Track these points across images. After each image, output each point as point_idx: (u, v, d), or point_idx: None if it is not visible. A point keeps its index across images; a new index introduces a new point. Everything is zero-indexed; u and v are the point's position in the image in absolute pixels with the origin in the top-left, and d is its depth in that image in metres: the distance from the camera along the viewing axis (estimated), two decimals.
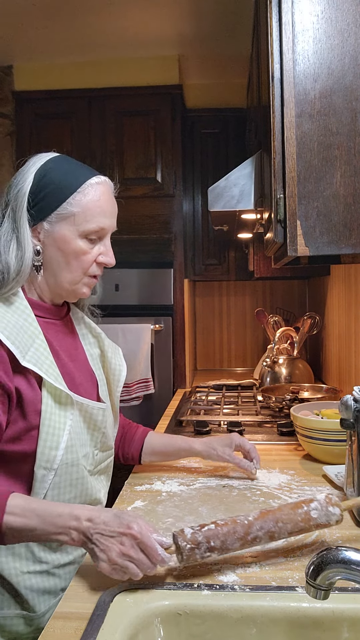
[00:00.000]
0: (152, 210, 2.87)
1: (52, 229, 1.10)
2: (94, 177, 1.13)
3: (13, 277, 1.07)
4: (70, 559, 1.13)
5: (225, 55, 2.82)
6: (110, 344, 1.34)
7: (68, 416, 1.08)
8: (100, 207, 1.12)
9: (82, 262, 1.13)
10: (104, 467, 1.25)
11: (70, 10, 2.38)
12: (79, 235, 1.11)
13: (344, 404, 1.16)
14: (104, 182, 1.15)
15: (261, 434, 1.90)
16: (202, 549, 0.93)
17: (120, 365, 1.32)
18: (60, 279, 1.13)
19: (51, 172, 1.10)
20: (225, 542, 0.94)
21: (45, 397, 1.05)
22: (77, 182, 1.11)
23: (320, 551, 0.68)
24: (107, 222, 1.13)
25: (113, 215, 1.16)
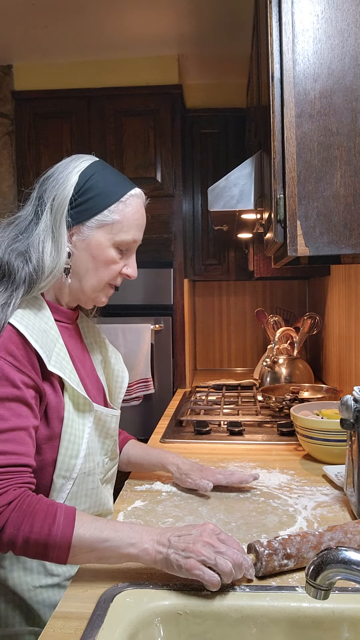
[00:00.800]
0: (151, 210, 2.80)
1: (88, 233, 1.09)
2: (133, 188, 1.14)
3: (46, 276, 1.04)
4: None
5: (225, 55, 2.82)
6: (112, 349, 1.33)
7: (87, 424, 1.08)
8: (137, 219, 1.13)
9: (110, 270, 1.12)
10: (110, 476, 1.24)
11: (70, 10, 2.38)
12: (112, 244, 1.11)
13: (344, 404, 1.16)
14: (141, 195, 1.17)
15: (261, 434, 1.90)
16: (279, 556, 0.93)
17: (122, 371, 1.30)
18: (84, 284, 1.12)
19: (96, 177, 1.09)
20: (301, 549, 0.95)
21: (67, 403, 1.04)
22: (121, 191, 1.11)
23: (320, 551, 0.68)
24: (139, 235, 1.15)
25: (143, 228, 1.17)
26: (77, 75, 2.87)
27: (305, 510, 1.22)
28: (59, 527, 0.88)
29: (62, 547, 0.88)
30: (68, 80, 2.87)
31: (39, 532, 0.87)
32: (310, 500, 1.28)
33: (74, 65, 2.88)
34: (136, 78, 2.85)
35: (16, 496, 0.90)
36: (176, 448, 1.77)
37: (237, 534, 1.11)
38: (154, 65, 2.85)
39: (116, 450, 1.24)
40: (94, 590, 0.91)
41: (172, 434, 1.94)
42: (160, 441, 1.85)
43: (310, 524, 1.15)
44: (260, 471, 1.49)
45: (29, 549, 0.89)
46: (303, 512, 1.21)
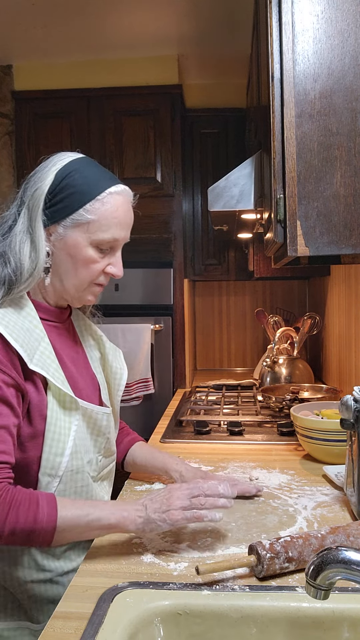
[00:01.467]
0: (151, 210, 2.86)
1: (65, 233, 1.07)
2: (114, 185, 1.10)
3: (26, 278, 1.04)
4: (74, 566, 1.11)
5: (225, 55, 2.82)
6: (111, 346, 1.32)
7: (73, 421, 1.07)
8: (117, 218, 1.09)
9: (90, 270, 1.10)
10: (106, 473, 1.23)
11: (70, 10, 2.38)
12: (90, 243, 1.08)
13: (344, 404, 1.16)
14: (124, 192, 1.12)
15: (261, 434, 1.90)
16: (281, 559, 0.93)
17: (121, 368, 1.29)
18: (66, 284, 1.11)
19: (73, 175, 1.07)
20: (302, 553, 0.95)
21: (50, 401, 1.04)
22: (98, 189, 1.07)
23: (320, 551, 0.68)
24: (121, 234, 1.11)
25: (128, 226, 1.14)
26: (77, 75, 2.87)
27: (305, 510, 1.22)
28: (43, 513, 0.92)
29: (48, 531, 0.93)
30: (68, 80, 2.87)
31: (24, 521, 0.92)
32: (310, 500, 1.28)
33: (74, 65, 2.88)
34: (136, 78, 2.85)
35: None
36: (176, 448, 1.77)
37: (237, 534, 1.11)
38: (154, 65, 2.85)
39: (111, 447, 1.23)
40: (94, 590, 0.91)
41: (172, 434, 1.94)
42: (160, 441, 1.85)
43: (310, 524, 1.15)
44: (260, 471, 1.49)
45: (15, 538, 0.93)
46: (303, 512, 1.21)
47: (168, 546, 1.06)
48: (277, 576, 0.94)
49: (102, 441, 1.18)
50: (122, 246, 1.14)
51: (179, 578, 0.94)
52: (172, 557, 1.01)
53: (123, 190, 1.12)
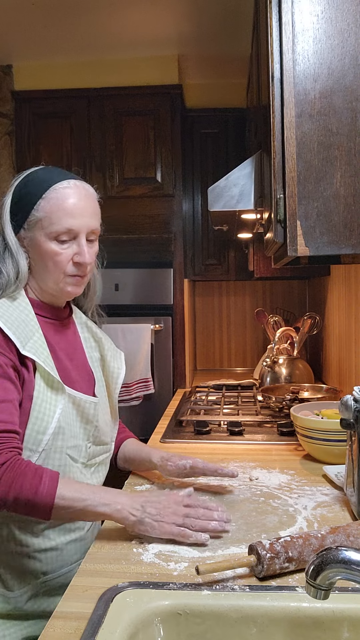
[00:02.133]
0: (151, 210, 2.86)
1: (30, 235, 1.18)
2: (60, 182, 1.18)
3: (13, 281, 1.18)
4: (52, 545, 1.17)
5: (225, 55, 2.82)
6: (111, 348, 1.39)
7: (59, 404, 1.14)
8: (65, 209, 1.16)
9: (57, 263, 1.18)
10: (100, 461, 1.30)
11: (70, 10, 2.38)
12: (48, 238, 1.16)
13: (344, 404, 1.16)
14: (73, 186, 1.19)
15: (261, 434, 1.90)
16: (281, 559, 0.93)
17: (118, 368, 1.37)
18: (44, 280, 1.21)
19: (27, 183, 1.19)
20: (302, 553, 0.95)
21: (37, 383, 1.13)
22: (42, 189, 1.17)
23: (320, 551, 0.68)
24: (75, 223, 1.17)
25: (84, 215, 1.19)
26: (77, 75, 2.87)
27: (305, 510, 1.22)
28: (44, 487, 1.01)
29: (46, 505, 1.01)
30: (68, 80, 2.87)
31: (27, 490, 1.00)
32: (310, 500, 1.28)
33: (73, 65, 2.88)
34: (136, 78, 2.85)
35: (8, 458, 1.03)
36: (176, 448, 1.77)
37: (237, 534, 1.11)
38: (154, 65, 2.85)
39: (101, 437, 1.28)
40: (94, 590, 0.91)
41: (172, 434, 1.94)
42: (160, 441, 1.85)
43: (310, 524, 1.15)
44: (260, 471, 1.49)
45: (18, 506, 1.02)
46: (303, 512, 1.21)
47: (168, 546, 1.05)
48: (277, 576, 0.94)
49: (90, 429, 1.25)
50: (84, 234, 1.19)
51: (179, 578, 0.94)
52: (172, 557, 1.01)
53: (72, 184, 1.20)
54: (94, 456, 1.28)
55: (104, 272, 1.32)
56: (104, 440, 1.31)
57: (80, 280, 1.23)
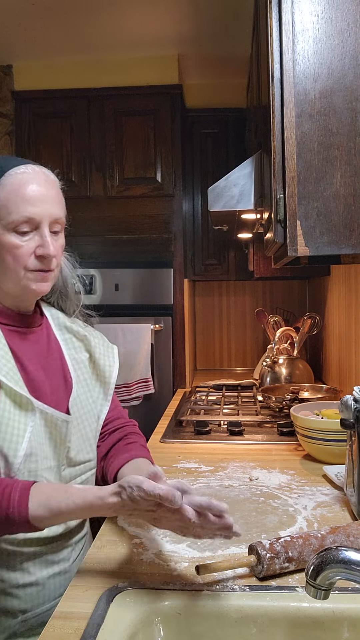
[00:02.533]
0: (151, 210, 2.86)
1: None
2: (15, 167, 1.05)
3: None
4: (32, 580, 1.04)
5: (225, 55, 2.82)
6: (99, 344, 1.27)
7: (29, 423, 1.02)
8: (22, 196, 1.03)
9: (17, 257, 1.05)
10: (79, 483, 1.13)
11: (70, 10, 2.38)
12: (6, 229, 1.04)
13: (344, 404, 1.16)
14: (31, 171, 1.06)
15: (261, 434, 1.90)
16: (281, 559, 0.93)
17: (110, 365, 1.25)
18: (3, 280, 1.08)
19: None
20: (302, 553, 0.95)
21: (2, 401, 1.00)
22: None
23: (320, 551, 0.68)
24: (34, 211, 1.04)
25: (45, 202, 1.05)
26: (77, 75, 2.87)
27: (305, 510, 1.22)
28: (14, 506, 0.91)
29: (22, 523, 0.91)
30: (68, 80, 2.87)
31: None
32: (310, 500, 1.28)
33: (74, 65, 2.88)
34: (136, 78, 2.85)
35: None
36: (176, 448, 1.77)
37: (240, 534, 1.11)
38: (154, 65, 2.85)
39: (75, 457, 1.13)
40: (94, 590, 0.91)
41: (172, 434, 1.94)
42: (160, 441, 1.85)
43: (310, 524, 1.15)
44: (260, 471, 1.49)
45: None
46: (303, 512, 1.21)
47: (168, 546, 1.06)
48: (277, 576, 0.94)
49: (61, 450, 1.10)
50: (47, 224, 1.06)
51: (179, 578, 0.94)
52: (172, 557, 1.01)
53: (28, 168, 1.07)
54: (69, 479, 1.12)
55: (104, 272, 1.27)
56: (80, 459, 1.15)
57: (45, 276, 1.08)
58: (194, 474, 1.49)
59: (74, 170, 2.85)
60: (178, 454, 1.68)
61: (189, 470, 1.52)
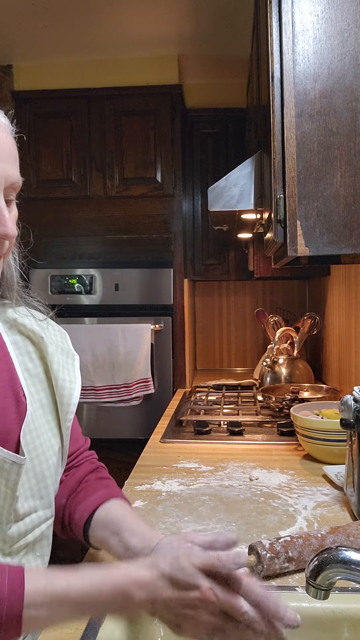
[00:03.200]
0: (151, 210, 2.86)
1: None
2: None
3: None
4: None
5: (225, 55, 2.82)
6: (57, 351, 0.93)
7: None
8: None
9: None
10: (31, 542, 0.85)
11: (70, 10, 2.38)
12: None
13: (344, 404, 1.16)
14: None
15: (261, 434, 1.90)
16: (281, 559, 0.93)
17: (70, 381, 0.92)
18: None
19: None
20: (302, 552, 0.95)
21: None
22: None
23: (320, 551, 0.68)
24: None
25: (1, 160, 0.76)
26: (77, 75, 2.87)
27: (305, 510, 1.22)
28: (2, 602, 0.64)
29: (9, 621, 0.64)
30: (68, 80, 2.86)
31: None
32: (310, 500, 1.28)
33: (74, 65, 2.88)
34: (136, 78, 2.85)
35: None
36: (176, 448, 1.77)
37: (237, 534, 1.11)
38: (154, 65, 2.85)
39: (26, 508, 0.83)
40: None
41: (172, 434, 1.94)
42: (160, 441, 1.85)
43: (310, 524, 1.15)
44: (260, 471, 1.49)
45: None
46: (303, 512, 1.21)
47: None
48: (277, 576, 0.94)
49: (7, 501, 0.79)
50: (2, 191, 0.77)
51: None
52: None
53: None
54: (19, 537, 0.82)
55: (104, 272, 1.19)
56: (32, 509, 0.84)
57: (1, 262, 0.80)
58: (194, 474, 1.49)
59: (74, 170, 2.85)
60: (178, 454, 1.68)
61: (189, 470, 1.52)
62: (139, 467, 1.55)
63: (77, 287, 2.78)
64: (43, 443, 0.87)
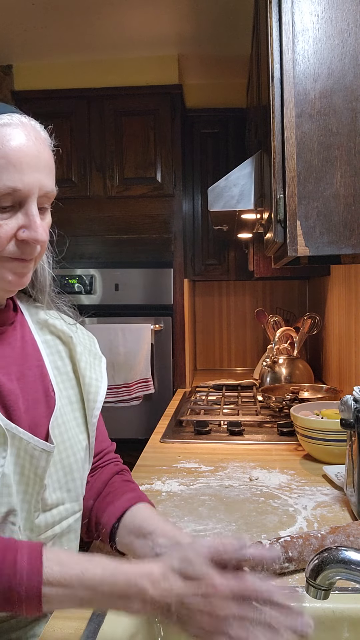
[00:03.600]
0: (151, 210, 2.86)
1: None
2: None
3: None
4: None
5: (225, 55, 2.82)
6: (85, 352, 0.99)
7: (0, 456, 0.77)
8: (6, 157, 0.76)
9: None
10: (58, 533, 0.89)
11: (70, 10, 2.38)
12: None
13: (344, 404, 1.16)
14: (18, 123, 0.81)
15: (261, 434, 1.90)
16: (281, 559, 0.93)
17: (97, 379, 0.98)
18: None
19: None
20: (302, 553, 0.95)
21: None
22: None
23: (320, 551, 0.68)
24: (22, 180, 0.77)
25: (36, 169, 0.79)
26: (77, 75, 2.87)
27: (305, 510, 1.22)
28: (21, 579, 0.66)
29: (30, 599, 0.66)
30: (68, 80, 2.86)
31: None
32: (310, 500, 1.28)
33: (73, 65, 2.88)
34: (136, 78, 2.85)
35: None
36: (176, 448, 1.77)
37: (237, 534, 1.11)
38: (154, 65, 2.85)
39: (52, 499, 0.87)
40: None
41: (172, 434, 1.94)
42: (160, 441, 1.85)
43: (310, 524, 1.15)
44: (260, 471, 1.49)
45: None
46: (303, 512, 1.21)
47: None
48: (277, 576, 0.94)
49: (34, 489, 0.83)
50: (34, 198, 0.80)
51: None
52: None
53: (14, 119, 0.81)
54: (46, 528, 0.86)
55: (104, 272, 1.19)
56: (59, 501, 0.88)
57: (26, 265, 0.82)
58: (194, 474, 1.49)
59: (74, 170, 2.85)
60: (178, 454, 1.68)
61: (189, 470, 1.52)
62: (139, 467, 1.55)
63: (77, 287, 2.78)
64: (71, 437, 0.91)
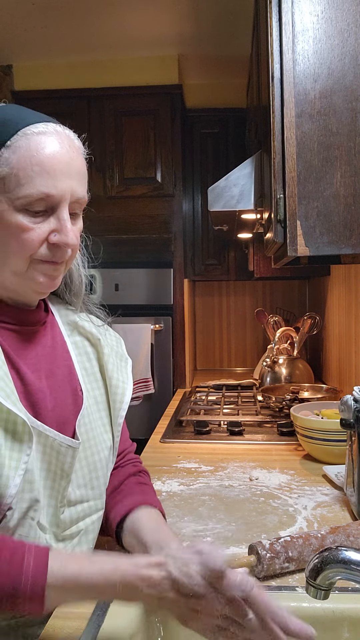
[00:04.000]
0: (151, 210, 2.86)
1: None
2: (33, 124, 0.80)
3: None
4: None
5: (225, 55, 2.82)
6: (112, 354, 1.02)
7: (24, 452, 0.78)
8: (40, 164, 0.79)
9: (24, 242, 0.81)
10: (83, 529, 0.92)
11: (70, 10, 2.38)
12: (13, 206, 0.79)
13: (344, 404, 1.16)
14: (53, 131, 0.83)
15: (261, 434, 1.90)
16: (281, 559, 0.93)
17: (123, 381, 1.00)
18: (5, 266, 0.84)
19: None
20: (302, 553, 0.95)
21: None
22: (7, 133, 0.79)
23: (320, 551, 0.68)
24: (55, 186, 0.80)
25: (68, 175, 0.82)
26: (77, 75, 2.87)
27: (305, 510, 1.22)
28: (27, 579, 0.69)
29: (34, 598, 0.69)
30: (68, 80, 2.87)
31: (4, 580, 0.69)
32: (310, 500, 1.28)
33: (74, 65, 2.88)
34: (136, 78, 2.85)
35: None
36: (176, 448, 1.77)
37: (237, 534, 1.11)
38: (154, 65, 2.85)
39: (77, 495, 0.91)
40: None
41: (172, 434, 1.94)
42: (160, 441, 1.85)
43: (310, 524, 1.15)
44: (260, 471, 1.49)
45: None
46: (303, 512, 1.21)
47: None
48: (277, 576, 0.94)
49: (63, 485, 0.87)
50: (67, 204, 0.82)
51: None
52: None
53: (49, 127, 0.83)
54: (71, 523, 0.90)
55: (104, 272, 1.21)
56: (83, 497, 0.91)
57: (57, 268, 0.85)
58: (194, 474, 1.49)
59: None
60: (178, 454, 1.68)
61: (189, 470, 1.52)
62: None
63: None
64: (96, 436, 0.94)
